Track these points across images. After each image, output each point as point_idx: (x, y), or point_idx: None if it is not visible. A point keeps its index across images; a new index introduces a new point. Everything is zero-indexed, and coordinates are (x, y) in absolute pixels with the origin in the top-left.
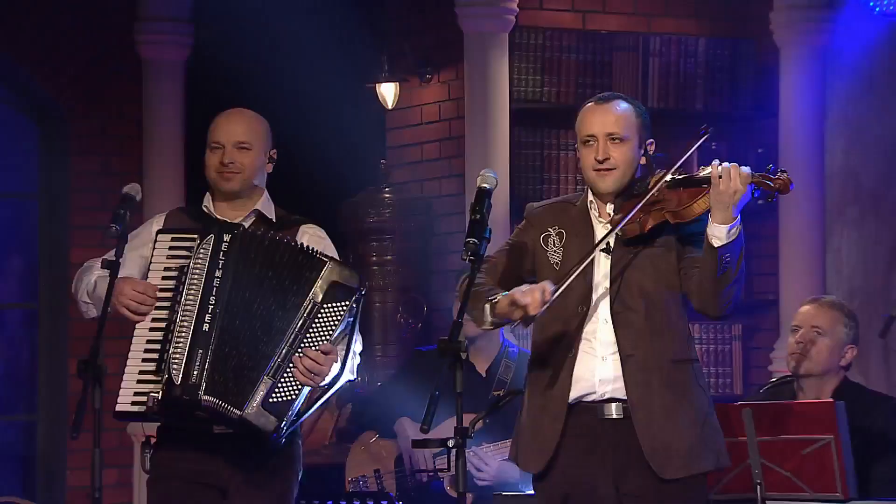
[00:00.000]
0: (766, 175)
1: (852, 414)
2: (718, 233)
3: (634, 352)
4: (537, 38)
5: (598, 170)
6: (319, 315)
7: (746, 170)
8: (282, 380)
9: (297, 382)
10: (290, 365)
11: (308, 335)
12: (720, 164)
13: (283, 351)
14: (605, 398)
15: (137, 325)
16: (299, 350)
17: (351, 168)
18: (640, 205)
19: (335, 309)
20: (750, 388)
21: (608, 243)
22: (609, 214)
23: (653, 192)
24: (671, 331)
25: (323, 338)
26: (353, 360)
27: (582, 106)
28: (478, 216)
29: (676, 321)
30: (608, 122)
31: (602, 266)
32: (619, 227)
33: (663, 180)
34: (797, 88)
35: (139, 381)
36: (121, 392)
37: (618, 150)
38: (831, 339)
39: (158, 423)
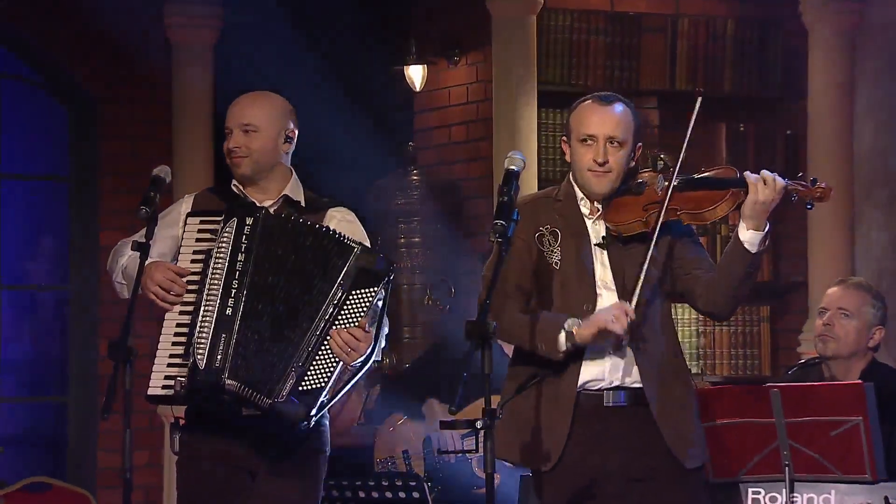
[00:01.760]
0: (800, 182)
1: (881, 395)
2: (753, 239)
3: (645, 345)
4: (565, 20)
5: (594, 171)
6: (348, 302)
7: (781, 179)
8: (311, 368)
9: (327, 370)
10: (319, 353)
11: (337, 323)
12: (759, 173)
13: (313, 340)
14: (612, 386)
15: None
16: (328, 338)
17: (379, 150)
18: (663, 212)
19: (364, 295)
20: (778, 369)
21: (603, 238)
22: (597, 210)
23: (668, 196)
24: (667, 327)
25: (352, 324)
26: (380, 344)
27: (578, 102)
28: (505, 198)
29: (670, 317)
30: (610, 124)
31: (600, 261)
32: (658, 225)
33: (672, 184)
34: (826, 70)
35: (169, 365)
36: (152, 375)
37: (616, 154)
38: (859, 321)
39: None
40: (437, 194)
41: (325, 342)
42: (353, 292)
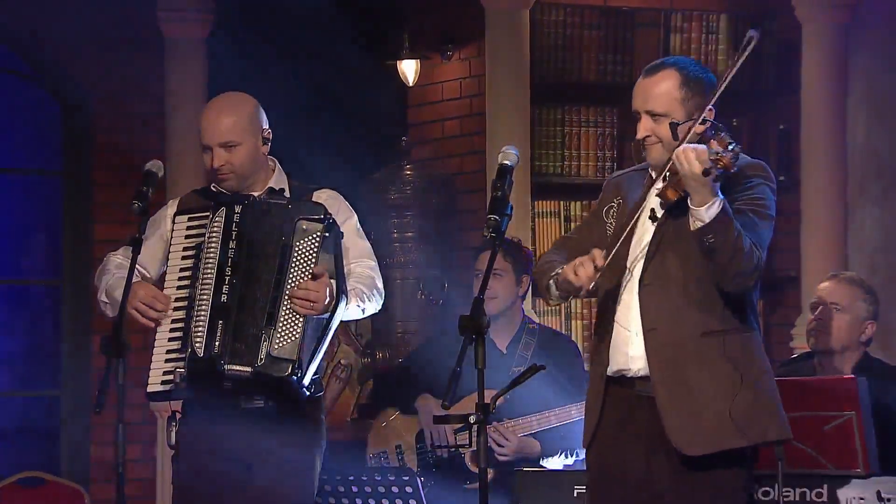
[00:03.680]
0: (719, 153)
1: (873, 389)
2: (697, 215)
3: (657, 325)
4: (558, 15)
5: (643, 143)
6: (294, 254)
7: (703, 148)
8: (279, 324)
9: (295, 322)
10: (282, 310)
11: (290, 275)
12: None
13: (271, 297)
14: (639, 375)
15: None
16: (286, 291)
17: (372, 145)
18: (669, 177)
19: (306, 244)
20: (771, 364)
21: (652, 210)
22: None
23: (672, 159)
24: (709, 303)
25: (304, 273)
26: (376, 294)
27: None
28: (499, 193)
29: (718, 293)
30: (646, 97)
31: (647, 235)
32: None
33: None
34: (819, 65)
35: (167, 361)
36: (150, 373)
37: (659, 125)
38: (850, 315)
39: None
40: (430, 189)
41: (286, 299)
42: (296, 243)
